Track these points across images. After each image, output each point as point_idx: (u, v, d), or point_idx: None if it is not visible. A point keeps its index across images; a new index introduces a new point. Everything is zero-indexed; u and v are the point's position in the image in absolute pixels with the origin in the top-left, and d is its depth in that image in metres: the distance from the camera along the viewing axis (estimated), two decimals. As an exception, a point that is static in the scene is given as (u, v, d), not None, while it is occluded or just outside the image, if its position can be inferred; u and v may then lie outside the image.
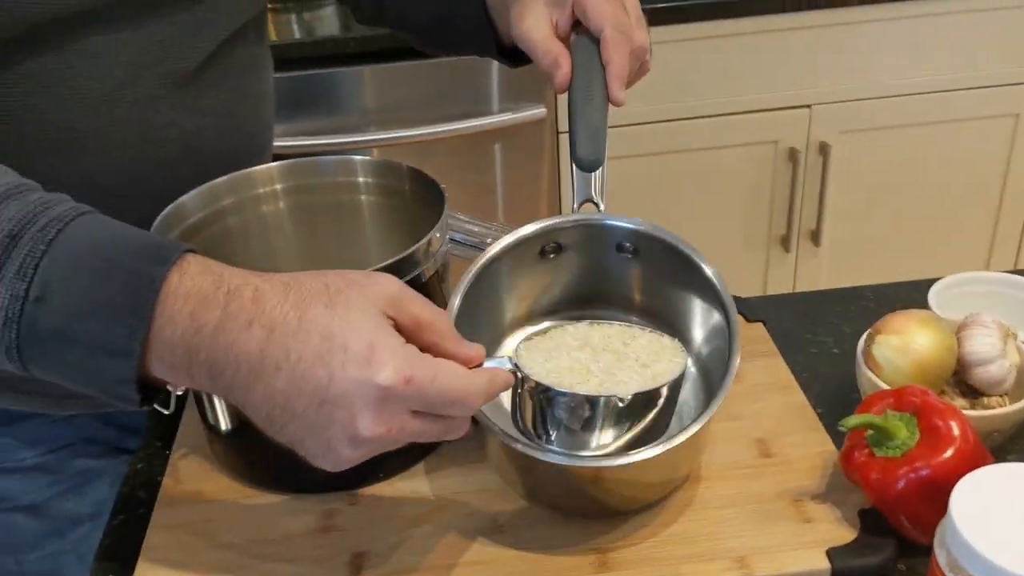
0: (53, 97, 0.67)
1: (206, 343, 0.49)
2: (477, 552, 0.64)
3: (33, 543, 0.88)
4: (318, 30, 1.71)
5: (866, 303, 0.89)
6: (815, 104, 1.79)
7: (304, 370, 0.49)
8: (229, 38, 0.76)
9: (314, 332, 0.49)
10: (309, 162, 0.78)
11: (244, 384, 0.50)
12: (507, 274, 0.70)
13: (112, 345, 0.49)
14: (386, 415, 0.50)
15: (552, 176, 1.77)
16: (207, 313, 0.49)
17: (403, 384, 0.49)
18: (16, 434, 0.84)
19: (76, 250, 0.49)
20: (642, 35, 0.73)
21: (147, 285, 0.49)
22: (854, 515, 0.64)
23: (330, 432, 0.50)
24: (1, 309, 0.48)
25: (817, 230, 1.89)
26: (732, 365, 0.63)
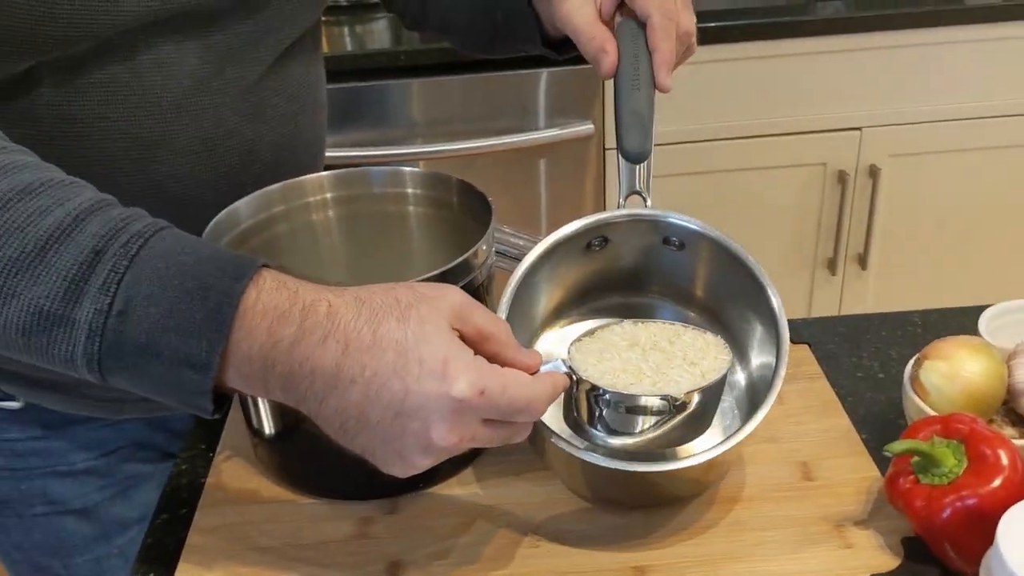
0: (123, 106, 0.69)
1: (282, 357, 0.51)
2: (514, 566, 0.64)
3: (81, 547, 0.90)
4: (369, 43, 1.73)
5: (914, 328, 0.88)
6: (866, 127, 1.77)
7: (380, 384, 0.50)
8: (288, 49, 0.78)
9: (388, 348, 0.51)
10: (359, 172, 0.79)
11: (318, 396, 0.51)
12: (551, 268, 0.70)
13: (192, 359, 0.50)
14: (459, 425, 0.52)
15: (597, 192, 1.77)
16: (284, 328, 0.51)
17: (477, 396, 0.51)
18: (69, 438, 0.86)
19: (157, 265, 0.51)
20: (688, 18, 0.72)
21: (226, 301, 0.50)
22: (897, 543, 0.63)
23: (403, 442, 0.52)
24: (85, 322, 0.50)
25: (864, 253, 1.87)
26: (779, 371, 0.64)
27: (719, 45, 1.66)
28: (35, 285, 0.50)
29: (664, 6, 0.70)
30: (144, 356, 0.50)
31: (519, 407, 0.53)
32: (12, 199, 0.51)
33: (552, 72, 1.64)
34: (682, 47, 0.72)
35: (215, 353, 0.50)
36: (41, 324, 0.50)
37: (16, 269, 0.50)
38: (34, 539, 0.89)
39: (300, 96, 0.81)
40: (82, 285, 0.50)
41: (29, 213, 0.50)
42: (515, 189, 1.75)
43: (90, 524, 0.89)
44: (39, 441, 0.85)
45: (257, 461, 0.74)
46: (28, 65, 0.64)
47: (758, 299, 0.67)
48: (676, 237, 0.70)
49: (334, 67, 1.29)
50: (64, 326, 0.50)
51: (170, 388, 0.52)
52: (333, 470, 0.70)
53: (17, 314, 0.50)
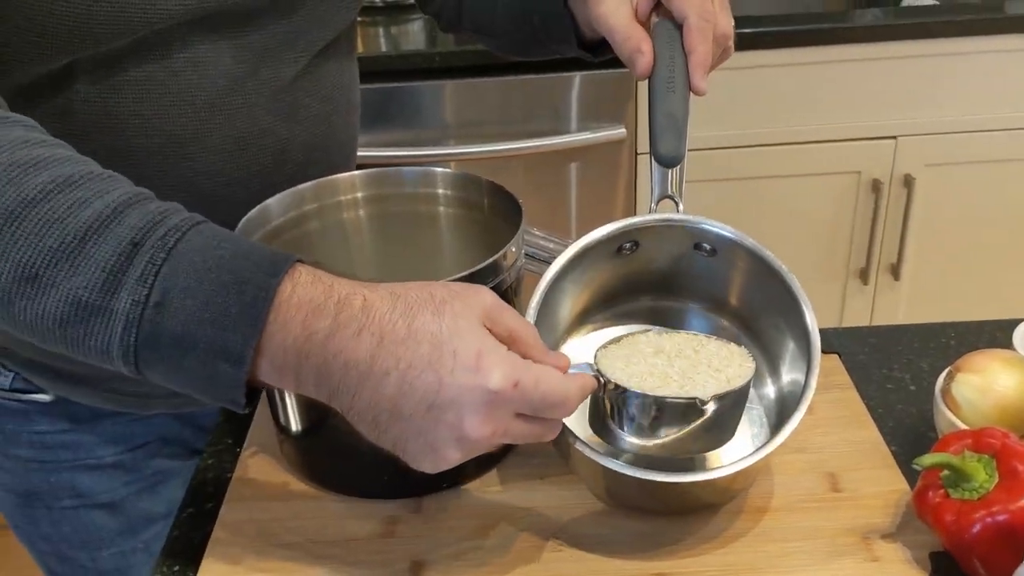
0: (158, 104, 0.69)
1: (317, 349, 0.51)
2: (537, 569, 0.64)
3: (107, 540, 0.91)
4: (404, 44, 1.74)
5: (946, 340, 0.87)
6: (901, 136, 1.75)
7: (414, 377, 0.51)
8: (323, 49, 0.78)
9: (423, 340, 0.51)
10: (391, 172, 0.79)
11: (351, 389, 0.52)
12: (581, 272, 0.70)
13: (227, 352, 0.51)
14: (493, 418, 0.52)
15: (628, 197, 1.77)
16: (318, 321, 0.51)
17: (511, 388, 0.52)
18: (97, 432, 0.87)
19: (194, 259, 0.51)
20: (726, 21, 0.72)
21: (262, 296, 0.51)
22: (925, 557, 0.63)
23: (436, 435, 0.52)
24: (122, 313, 0.50)
25: (898, 264, 1.85)
26: (810, 383, 0.64)
27: (755, 51, 1.65)
28: (74, 276, 0.50)
29: (702, 7, 0.69)
30: (179, 348, 0.51)
31: (552, 401, 0.54)
32: (53, 191, 0.51)
33: (585, 75, 1.64)
34: (719, 49, 0.72)
35: (249, 346, 0.50)
36: (79, 315, 0.51)
37: (56, 259, 0.50)
38: (62, 531, 0.90)
39: (333, 97, 0.81)
40: (120, 276, 0.50)
41: (69, 204, 0.51)
42: (546, 192, 1.75)
43: (116, 518, 0.90)
44: (68, 434, 0.86)
45: (283, 457, 0.74)
46: (66, 61, 0.65)
47: (790, 310, 0.67)
48: (709, 243, 0.70)
49: (369, 67, 1.30)
50: (101, 317, 0.50)
51: (204, 381, 0.52)
52: (358, 468, 0.70)
53: (55, 304, 0.51)
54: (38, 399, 0.84)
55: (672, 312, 0.75)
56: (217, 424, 0.80)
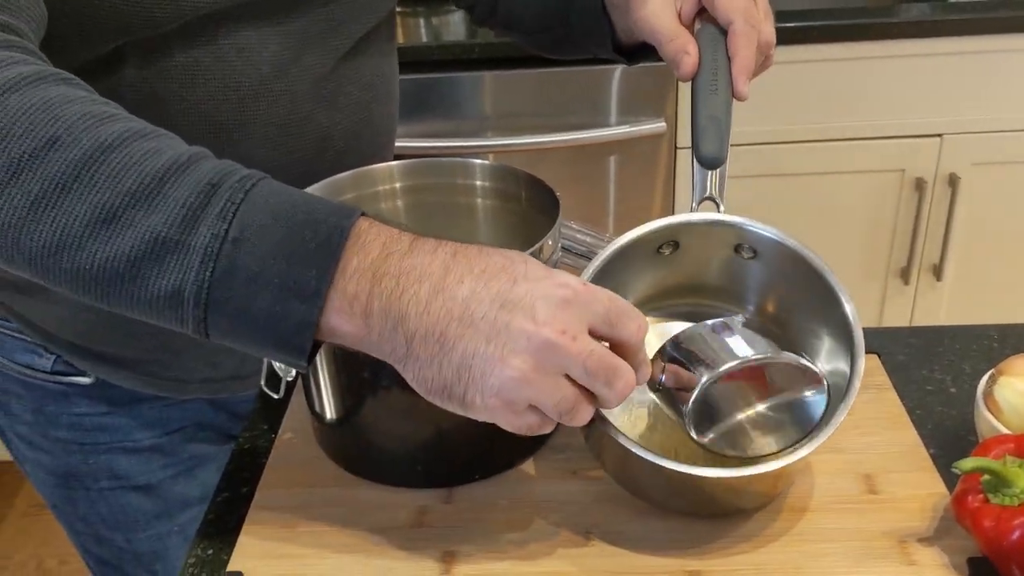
0: (203, 89, 0.70)
1: (393, 267, 0.52)
2: (566, 563, 0.64)
3: (143, 522, 0.92)
4: (444, 35, 1.74)
5: (989, 342, 0.85)
6: (947, 134, 1.73)
7: (488, 278, 0.52)
8: (364, 37, 0.78)
9: (495, 254, 0.53)
10: (429, 163, 0.79)
11: (422, 304, 0.51)
12: (621, 269, 0.69)
13: (301, 288, 0.51)
14: (566, 316, 0.52)
15: (667, 192, 1.75)
16: (396, 244, 0.53)
17: (582, 287, 0.53)
18: (134, 415, 0.88)
19: (269, 200, 0.52)
20: (769, 28, 0.72)
21: (337, 232, 0.52)
22: (963, 563, 0.62)
23: (507, 336, 0.51)
24: (201, 247, 0.51)
25: (940, 264, 1.82)
26: (853, 384, 0.62)
27: (798, 46, 1.63)
28: (152, 214, 0.51)
29: (747, 13, 0.69)
30: (253, 286, 0.51)
31: (621, 306, 0.54)
32: (128, 139, 0.52)
33: (626, 68, 1.63)
34: (761, 57, 0.72)
35: (324, 281, 0.51)
36: (155, 252, 0.51)
37: (134, 200, 0.51)
38: (99, 512, 0.91)
39: (374, 85, 0.82)
40: (199, 213, 0.51)
41: (144, 152, 0.52)
42: (584, 185, 1.74)
43: (153, 501, 0.91)
44: (106, 417, 0.87)
45: (317, 444, 0.75)
46: (113, 46, 0.66)
47: (830, 313, 0.66)
48: (751, 246, 0.69)
49: (409, 58, 1.30)
50: (178, 252, 0.51)
51: (273, 323, 0.52)
52: (392, 457, 0.71)
53: (130, 243, 0.51)
54: (78, 381, 0.85)
55: (705, 316, 0.74)
56: (253, 410, 0.81)
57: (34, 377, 0.86)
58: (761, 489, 0.65)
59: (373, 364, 0.66)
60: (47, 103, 0.51)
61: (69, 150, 0.50)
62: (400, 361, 0.53)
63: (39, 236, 0.51)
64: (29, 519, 2.02)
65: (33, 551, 1.95)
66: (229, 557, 0.66)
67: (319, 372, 0.69)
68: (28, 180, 0.50)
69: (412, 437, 0.70)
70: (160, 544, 0.93)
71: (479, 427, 0.69)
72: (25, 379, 0.86)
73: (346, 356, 0.67)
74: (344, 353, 0.67)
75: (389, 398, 0.68)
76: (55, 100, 0.52)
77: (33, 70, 0.53)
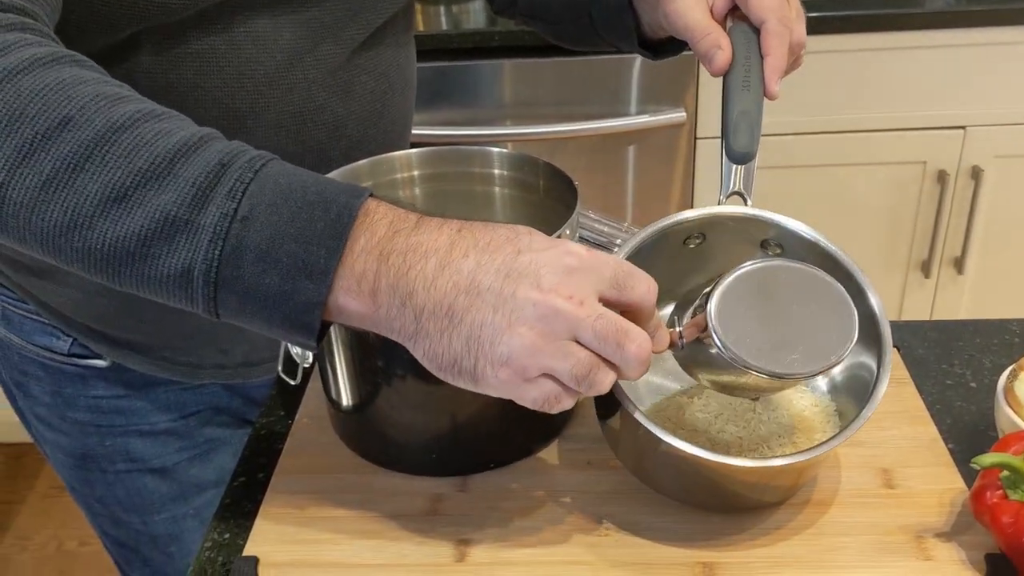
0: (218, 77, 0.70)
1: (400, 245, 0.52)
2: (579, 553, 0.64)
3: (159, 505, 0.93)
4: (464, 23, 1.74)
5: (1010, 337, 0.84)
6: (970, 126, 1.71)
7: (493, 250, 0.52)
8: (380, 28, 0.78)
9: (501, 228, 0.53)
10: (448, 151, 0.79)
11: (429, 279, 0.52)
12: (645, 260, 0.69)
13: (310, 266, 0.51)
14: (572, 282, 0.52)
15: (686, 182, 1.75)
16: (403, 223, 0.53)
17: (587, 254, 0.53)
18: (150, 398, 0.89)
19: (279, 180, 0.53)
20: (801, 29, 0.72)
21: (346, 212, 0.52)
22: (980, 559, 0.61)
23: (513, 304, 0.51)
24: (210, 226, 0.51)
25: (962, 257, 1.81)
26: (879, 389, 0.62)
27: (821, 36, 1.61)
28: (163, 193, 0.51)
29: (781, 13, 0.69)
30: (262, 264, 0.51)
31: (628, 269, 0.54)
32: (140, 119, 0.52)
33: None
34: (792, 57, 0.72)
35: (333, 260, 0.51)
36: (165, 231, 0.51)
37: (145, 180, 0.51)
38: (116, 494, 0.92)
39: (389, 75, 0.81)
40: (209, 192, 0.51)
41: (156, 132, 0.52)
42: (603, 175, 1.74)
43: (168, 483, 0.92)
44: (123, 400, 0.88)
45: (334, 431, 0.75)
46: (130, 32, 0.66)
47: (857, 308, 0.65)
48: (779, 241, 0.68)
49: (427, 45, 1.30)
50: (187, 231, 0.51)
51: (282, 301, 0.52)
52: (407, 444, 0.71)
53: (140, 222, 0.51)
54: (95, 364, 0.86)
55: None
56: (270, 396, 0.81)
57: (52, 359, 0.86)
58: (785, 483, 0.65)
59: (388, 352, 0.67)
60: (60, 84, 0.52)
61: (81, 130, 0.51)
62: (410, 338, 0.53)
63: (51, 216, 0.51)
64: (50, 500, 2.04)
65: (54, 532, 1.97)
66: (245, 541, 0.66)
67: (335, 359, 0.70)
68: (41, 160, 0.50)
69: (427, 426, 0.70)
70: (176, 527, 0.94)
71: (494, 416, 0.70)
72: (44, 361, 0.87)
73: (362, 344, 0.67)
74: (360, 341, 0.67)
75: (405, 386, 0.68)
76: (68, 81, 0.52)
77: (47, 51, 0.53)
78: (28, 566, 1.90)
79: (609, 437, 0.68)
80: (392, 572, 0.63)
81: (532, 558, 0.63)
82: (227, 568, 0.64)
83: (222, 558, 0.66)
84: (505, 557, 0.64)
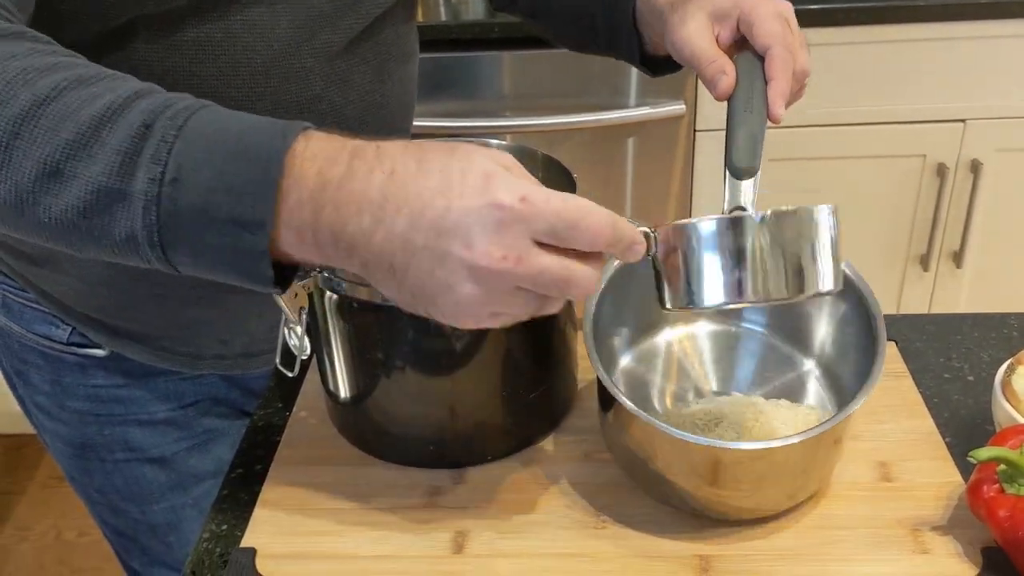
0: (214, 65, 0.70)
1: (331, 197, 0.50)
2: (577, 545, 0.64)
3: (158, 495, 0.93)
4: (464, 14, 1.73)
5: (1008, 331, 0.84)
6: (970, 119, 1.71)
7: (423, 205, 0.49)
8: (380, 16, 0.78)
9: (433, 171, 0.50)
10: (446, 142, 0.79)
11: (367, 234, 0.50)
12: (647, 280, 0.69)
13: (245, 218, 0.50)
14: (505, 239, 0.49)
15: (685, 175, 1.74)
16: (332, 169, 0.51)
17: (519, 202, 0.49)
18: (149, 388, 0.89)
19: (205, 132, 0.51)
20: (805, 58, 0.72)
21: (274, 157, 0.50)
22: (976, 552, 0.61)
23: (448, 266, 0.50)
24: (141, 193, 0.50)
25: (960, 251, 1.81)
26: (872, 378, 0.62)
27: (821, 28, 1.61)
28: (92, 164, 0.50)
29: (785, 40, 0.70)
30: (200, 223, 0.51)
31: (572, 220, 0.50)
32: (65, 88, 0.51)
33: (646, 50, 1.62)
34: (796, 85, 0.72)
35: (266, 210, 0.50)
36: (101, 202, 0.51)
37: (74, 151, 0.50)
38: (114, 484, 0.92)
39: (389, 65, 0.81)
40: (135, 158, 0.50)
41: (82, 99, 0.51)
42: (602, 167, 1.73)
43: (167, 473, 0.92)
44: (122, 389, 0.88)
45: (332, 423, 0.75)
46: (126, 19, 0.66)
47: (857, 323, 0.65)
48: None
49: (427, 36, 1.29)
50: (122, 201, 0.51)
51: (229, 257, 0.52)
52: (405, 436, 0.71)
53: (79, 195, 0.51)
54: (94, 353, 0.86)
55: (725, 336, 0.74)
56: (268, 388, 0.81)
57: (51, 348, 0.87)
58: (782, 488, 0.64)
59: (386, 344, 0.67)
60: None
61: (7, 107, 0.50)
62: (366, 279, 0.53)
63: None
64: (49, 491, 2.05)
65: (53, 522, 1.97)
66: (243, 533, 0.66)
67: (333, 352, 0.70)
68: None
69: (425, 418, 0.70)
70: (174, 516, 0.94)
71: (492, 408, 0.70)
72: (43, 350, 0.87)
73: (360, 336, 0.67)
74: (358, 333, 0.67)
75: (402, 379, 0.68)
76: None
77: None
78: (28, 556, 1.91)
79: (606, 434, 0.68)
80: (390, 563, 0.63)
81: (529, 550, 0.64)
82: (225, 559, 0.65)
83: (220, 549, 0.66)
84: (502, 548, 0.64)
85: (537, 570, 0.62)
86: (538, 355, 0.70)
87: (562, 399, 0.75)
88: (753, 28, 0.70)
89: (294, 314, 0.65)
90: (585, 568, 0.62)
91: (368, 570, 0.63)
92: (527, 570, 0.62)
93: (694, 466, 0.62)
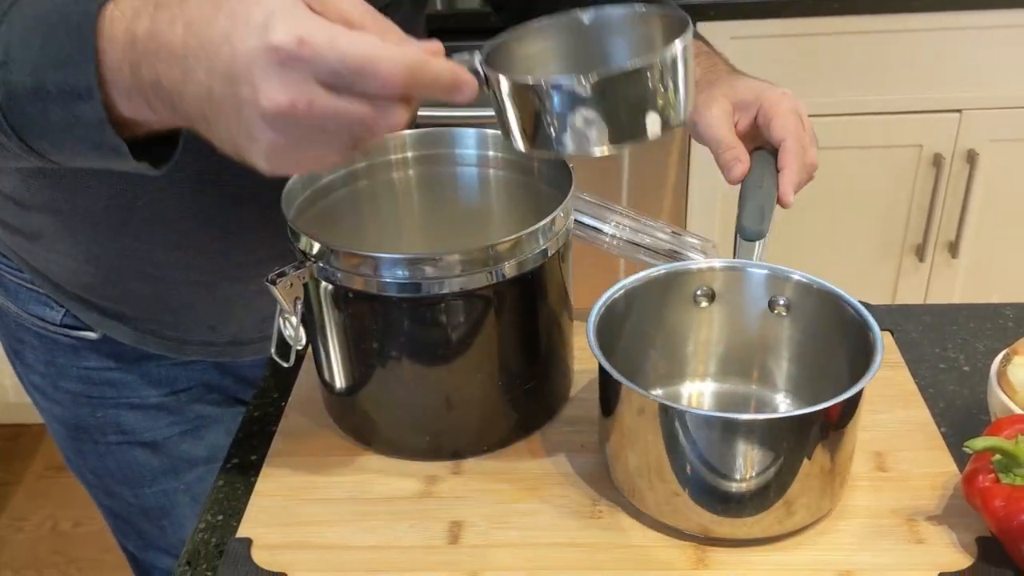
0: None
1: (140, 54, 0.50)
2: (573, 535, 0.64)
3: (151, 478, 0.93)
4: (460, 2, 1.73)
5: (1004, 321, 0.84)
6: (966, 109, 1.71)
7: (213, 52, 0.47)
8: (383, 8, 0.77)
9: (223, 15, 0.48)
10: (442, 132, 0.79)
11: (179, 88, 0.49)
12: (657, 309, 0.71)
13: (75, 87, 0.51)
14: (288, 83, 0.47)
15: (681, 166, 1.74)
16: (138, 23, 0.50)
17: (296, 45, 0.46)
18: (141, 372, 0.89)
19: (26, 12, 0.52)
20: (814, 152, 0.78)
21: (85, 21, 0.50)
22: (972, 542, 0.62)
23: (244, 113, 0.48)
24: None
25: (956, 241, 1.81)
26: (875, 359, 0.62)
27: (816, 18, 1.61)
28: None
29: (798, 134, 0.76)
30: (38, 100, 0.51)
31: (356, 64, 0.47)
32: None
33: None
34: (805, 175, 0.77)
35: (89, 72, 0.50)
36: None
37: None
38: (107, 466, 0.93)
39: None
40: None
41: None
42: (597, 158, 1.73)
43: (159, 457, 0.93)
44: (114, 372, 0.89)
45: (327, 413, 0.75)
46: None
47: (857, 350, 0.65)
48: (786, 296, 0.69)
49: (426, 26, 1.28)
50: None
51: (75, 130, 0.52)
52: (400, 427, 0.71)
53: None
54: (86, 336, 0.86)
55: (737, 396, 0.74)
56: (263, 378, 0.81)
57: (45, 329, 0.87)
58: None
59: (382, 334, 0.67)
60: None
61: None
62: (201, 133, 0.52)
63: None
64: (45, 481, 2.05)
65: (49, 513, 1.97)
66: (239, 523, 0.66)
67: (328, 342, 0.69)
68: None
69: (421, 408, 0.70)
70: (167, 500, 0.94)
71: (488, 398, 0.70)
72: (38, 330, 0.88)
73: (355, 326, 0.67)
74: (354, 323, 0.67)
75: (398, 369, 0.68)
76: None
77: None
78: (23, 546, 1.91)
79: (601, 430, 0.68)
80: (385, 554, 0.63)
81: (525, 540, 0.64)
82: (221, 550, 0.65)
83: (216, 540, 0.66)
84: (498, 539, 0.64)
85: (533, 560, 0.62)
86: (534, 345, 0.70)
87: (558, 389, 0.75)
88: (771, 121, 0.76)
89: (289, 304, 0.65)
90: (581, 558, 0.62)
91: (364, 560, 0.63)
92: (523, 560, 0.62)
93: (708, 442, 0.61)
